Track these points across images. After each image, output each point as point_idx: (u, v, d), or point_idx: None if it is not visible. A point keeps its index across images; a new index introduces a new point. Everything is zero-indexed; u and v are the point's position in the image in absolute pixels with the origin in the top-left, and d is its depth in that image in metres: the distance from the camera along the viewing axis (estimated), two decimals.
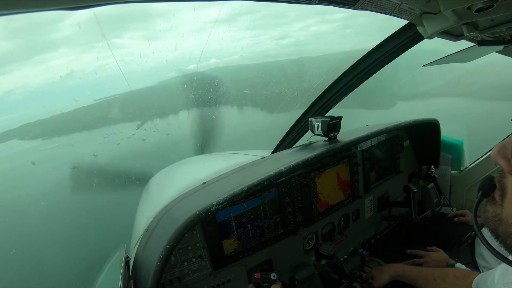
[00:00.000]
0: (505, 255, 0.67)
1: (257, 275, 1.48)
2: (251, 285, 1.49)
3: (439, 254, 1.96)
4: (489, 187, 0.73)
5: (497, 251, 0.66)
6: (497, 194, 0.67)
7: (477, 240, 1.97)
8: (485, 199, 0.70)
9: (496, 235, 0.65)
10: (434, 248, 2.03)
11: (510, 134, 2.08)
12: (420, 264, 1.90)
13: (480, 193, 0.74)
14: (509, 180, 0.62)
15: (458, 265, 1.77)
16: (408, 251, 2.06)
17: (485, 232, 0.72)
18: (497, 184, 0.67)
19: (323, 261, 1.86)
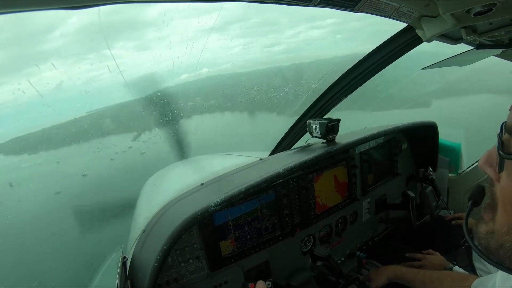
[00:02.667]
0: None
1: (251, 285, 1.46)
2: None
3: (436, 257, 1.96)
4: (479, 196, 0.72)
5: (492, 259, 0.64)
6: (486, 213, 0.65)
7: None
8: (478, 219, 0.69)
9: (489, 252, 0.62)
10: (431, 251, 2.03)
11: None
12: (418, 267, 1.90)
13: (470, 202, 0.74)
14: (498, 188, 0.61)
15: (456, 268, 1.77)
16: (407, 254, 2.06)
17: None
18: (488, 194, 0.65)
19: (319, 263, 1.86)
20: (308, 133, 2.07)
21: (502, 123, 0.58)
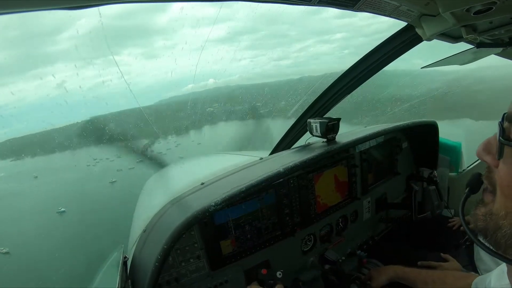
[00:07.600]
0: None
1: (264, 271, 1.50)
2: (255, 282, 1.50)
3: (452, 264, 1.88)
4: (476, 183, 0.74)
5: (490, 248, 0.65)
6: (487, 195, 0.67)
7: None
8: (477, 203, 0.71)
9: (486, 235, 0.65)
10: (447, 256, 1.94)
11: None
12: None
13: (467, 189, 0.75)
14: (496, 173, 0.63)
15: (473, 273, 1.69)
16: (419, 263, 1.88)
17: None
18: (486, 181, 0.67)
19: (327, 266, 1.86)
20: (308, 132, 2.07)
21: (504, 113, 0.60)
